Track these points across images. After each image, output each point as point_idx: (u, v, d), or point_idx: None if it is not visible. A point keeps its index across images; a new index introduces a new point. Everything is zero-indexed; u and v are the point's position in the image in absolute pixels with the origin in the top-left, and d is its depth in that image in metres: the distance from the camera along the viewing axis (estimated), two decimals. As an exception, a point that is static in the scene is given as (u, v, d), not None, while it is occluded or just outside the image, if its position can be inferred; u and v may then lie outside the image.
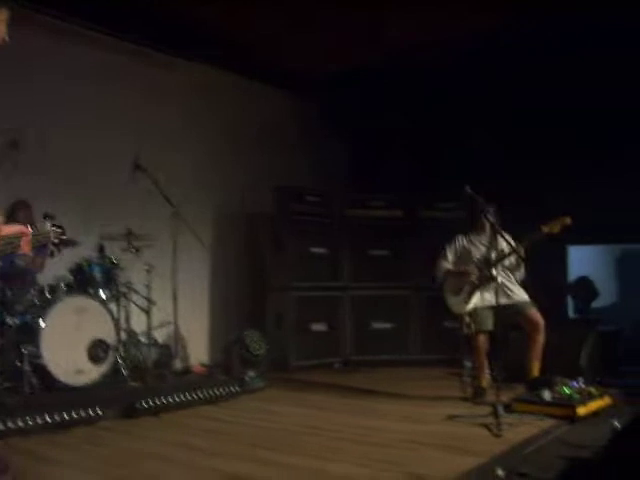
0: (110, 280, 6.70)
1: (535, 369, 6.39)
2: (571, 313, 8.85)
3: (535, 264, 6.55)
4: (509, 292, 6.48)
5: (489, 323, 6.52)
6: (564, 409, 5.50)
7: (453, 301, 6.69)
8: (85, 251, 6.64)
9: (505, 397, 5.70)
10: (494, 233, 6.26)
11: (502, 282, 6.42)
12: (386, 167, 9.38)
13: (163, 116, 8.24)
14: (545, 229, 6.20)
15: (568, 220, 6.16)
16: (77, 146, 7.36)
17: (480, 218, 6.54)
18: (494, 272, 6.38)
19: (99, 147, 7.54)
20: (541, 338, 6.42)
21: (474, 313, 6.58)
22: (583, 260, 9.10)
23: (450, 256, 6.82)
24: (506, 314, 6.26)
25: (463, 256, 6.76)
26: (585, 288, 8.51)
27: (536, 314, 6.47)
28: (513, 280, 6.60)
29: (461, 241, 6.83)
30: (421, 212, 9.15)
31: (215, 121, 8.76)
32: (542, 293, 7.14)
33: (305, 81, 9.14)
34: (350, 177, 10.11)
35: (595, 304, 8.62)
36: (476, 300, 6.55)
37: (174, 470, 4.25)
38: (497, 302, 6.03)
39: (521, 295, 6.55)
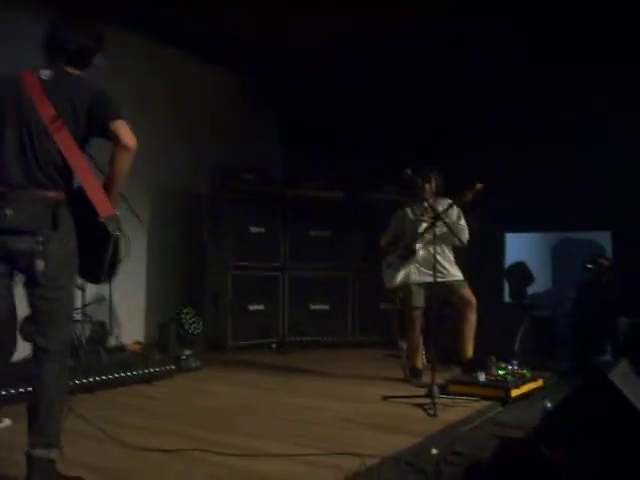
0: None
1: (469, 349, 6.42)
2: (507, 298, 8.95)
3: (472, 250, 6.61)
4: (442, 269, 6.35)
5: (419, 300, 6.52)
6: (498, 390, 5.57)
7: (385, 274, 6.68)
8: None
9: (441, 378, 5.76)
10: (432, 214, 6.22)
11: (430, 257, 6.24)
12: (326, 146, 9.31)
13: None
14: (460, 194, 6.21)
15: (479, 186, 6.12)
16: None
17: (418, 194, 6.52)
18: (416, 246, 6.43)
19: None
20: (474, 317, 6.42)
21: (404, 289, 6.58)
22: (520, 247, 9.21)
23: (391, 228, 6.79)
24: (438, 292, 6.18)
25: (400, 229, 6.72)
26: (521, 273, 8.61)
27: (469, 293, 6.46)
28: (447, 255, 6.51)
29: (399, 215, 6.77)
30: (362, 194, 9.13)
31: (154, 96, 8.57)
32: (478, 278, 7.22)
33: (244, 57, 9.01)
34: (287, 156, 10.05)
35: (530, 290, 8.74)
36: (405, 275, 6.53)
37: (107, 448, 4.18)
38: (430, 279, 6.12)
39: (454, 273, 6.48)
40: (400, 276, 6.54)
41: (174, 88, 8.83)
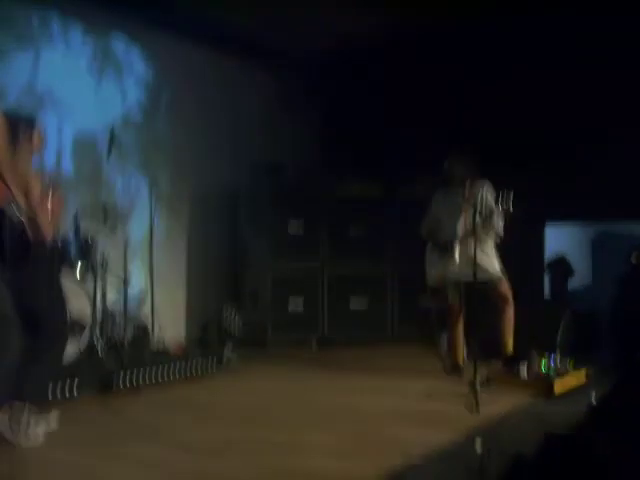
0: (85, 257, 6.62)
1: (509, 345, 6.37)
2: (547, 292, 8.89)
3: (511, 243, 6.55)
4: (479, 265, 6.04)
5: (451, 297, 6.52)
6: (541, 386, 5.54)
7: (427, 268, 6.62)
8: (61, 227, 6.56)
9: (482, 374, 5.73)
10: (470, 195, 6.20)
11: (471, 254, 6.03)
12: (364, 144, 9.31)
13: (138, 93, 8.15)
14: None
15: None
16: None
17: (453, 177, 6.49)
18: (456, 246, 6.32)
19: (76, 123, 7.44)
20: (511, 312, 6.36)
21: (442, 285, 6.56)
22: (559, 241, 9.14)
23: (430, 217, 6.68)
24: (475, 288, 6.01)
25: (437, 220, 6.61)
26: (561, 267, 8.55)
27: (506, 288, 6.39)
28: (487, 249, 6.35)
29: (435, 204, 6.68)
30: (400, 190, 9.10)
31: (197, 97, 8.66)
32: (518, 272, 7.17)
33: (278, 54, 9.04)
34: (328, 154, 10.04)
35: (570, 284, 8.68)
36: (443, 271, 6.47)
37: (150, 445, 4.23)
38: (464, 276, 6.12)
39: (493, 269, 6.36)
40: (439, 272, 6.52)
41: (216, 88, 8.90)
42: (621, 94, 7.69)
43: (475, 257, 5.87)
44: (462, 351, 6.65)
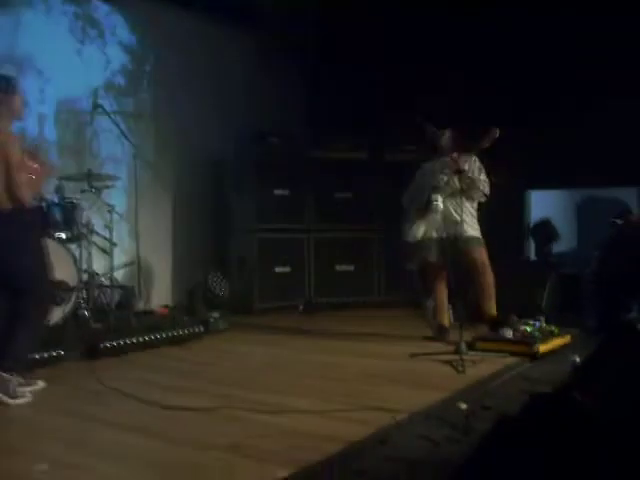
0: (70, 221, 6.58)
1: (492, 309, 6.38)
2: (532, 255, 8.93)
3: (495, 207, 6.55)
4: (458, 223, 6.22)
5: (432, 255, 6.47)
6: (526, 346, 5.59)
7: (405, 231, 6.62)
8: (44, 192, 6.52)
9: (468, 335, 5.77)
10: (456, 172, 6.17)
11: (450, 210, 6.33)
12: (350, 108, 9.28)
13: (118, 56, 8.07)
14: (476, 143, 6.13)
15: (496, 131, 6.01)
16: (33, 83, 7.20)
17: (433, 143, 6.44)
18: (436, 197, 6.33)
19: (59, 88, 7.37)
20: (489, 278, 6.35)
21: (422, 243, 6.53)
22: (545, 205, 9.16)
23: (412, 189, 6.67)
24: (451, 247, 6.20)
25: (428, 183, 6.54)
26: (546, 230, 8.58)
27: (483, 255, 6.36)
28: (469, 210, 6.36)
29: (420, 171, 6.67)
30: (386, 154, 9.08)
31: (172, 60, 8.58)
32: (502, 235, 7.20)
33: (262, 18, 8.97)
34: (312, 118, 10.00)
35: (555, 248, 8.71)
36: (425, 228, 6.48)
37: (139, 407, 4.24)
38: (443, 234, 6.24)
39: (473, 229, 6.36)
40: (420, 229, 6.50)
41: (199, 53, 8.83)
42: (602, 63, 7.70)
43: (456, 213, 6.10)
44: (447, 313, 6.67)
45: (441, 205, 6.35)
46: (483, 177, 6.37)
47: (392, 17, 8.41)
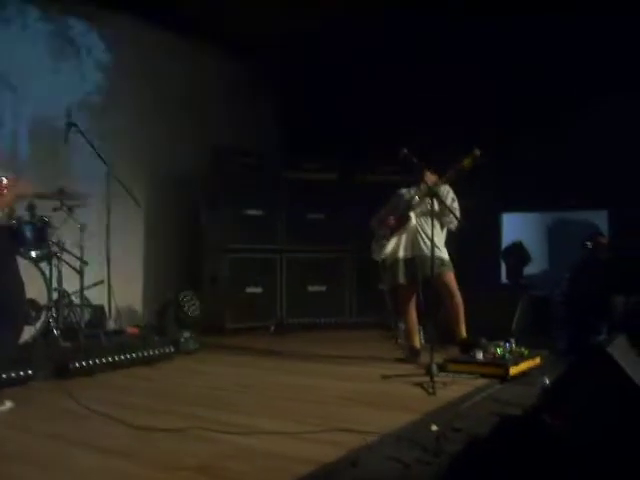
0: (41, 239, 6.54)
1: (462, 331, 6.42)
2: (504, 278, 8.98)
3: (468, 230, 6.59)
4: (427, 243, 6.23)
5: (401, 276, 6.49)
6: (496, 369, 5.61)
7: (374, 249, 6.65)
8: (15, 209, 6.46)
9: (439, 357, 5.79)
10: (429, 195, 6.22)
11: (420, 230, 6.39)
12: (320, 129, 9.34)
13: (93, 74, 8.05)
14: (457, 166, 6.14)
15: (477, 152, 6.02)
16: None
17: (416, 177, 6.48)
18: (410, 215, 6.39)
19: (34, 106, 7.34)
20: (457, 300, 6.39)
21: (387, 264, 6.56)
22: (516, 227, 9.23)
23: (385, 209, 6.71)
24: (420, 268, 6.28)
25: (402, 205, 6.60)
26: (518, 253, 8.64)
27: (450, 278, 6.39)
28: (437, 232, 6.24)
29: (397, 196, 6.72)
30: (357, 176, 9.13)
31: (146, 78, 8.58)
32: (474, 257, 7.23)
33: (236, 39, 9.01)
34: (283, 138, 10.05)
35: (527, 270, 8.76)
36: (393, 248, 6.51)
37: (109, 428, 4.20)
38: (411, 254, 6.33)
39: (439, 251, 6.31)
40: (388, 247, 6.52)
41: (173, 73, 8.85)
42: (571, 87, 7.81)
43: (425, 233, 6.24)
44: (418, 335, 6.69)
45: (413, 221, 6.40)
46: (456, 205, 6.42)
47: (365, 40, 8.46)
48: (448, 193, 6.45)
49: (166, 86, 8.79)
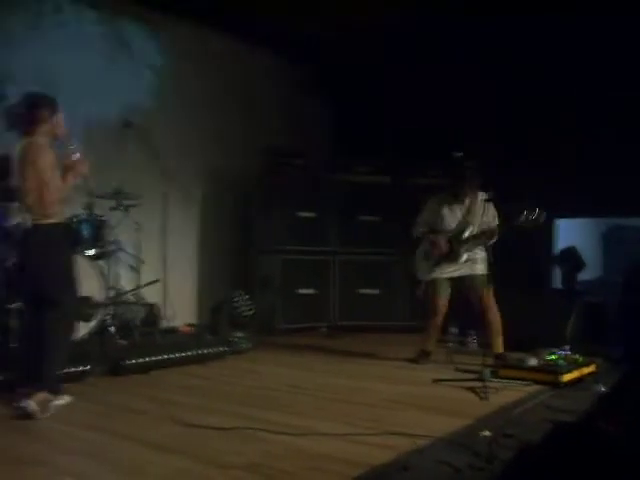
0: (98, 238, 6.66)
1: (498, 345, 6.45)
2: (556, 283, 8.88)
3: (521, 235, 6.54)
4: (470, 264, 6.46)
5: (444, 295, 6.60)
6: (549, 375, 5.55)
7: (420, 265, 6.73)
8: (73, 209, 6.59)
9: (490, 362, 5.77)
10: (473, 207, 6.35)
11: (467, 258, 6.47)
12: (373, 131, 9.34)
13: (147, 75, 8.14)
14: (520, 219, 6.07)
15: (542, 218, 6.04)
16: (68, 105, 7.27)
17: (463, 186, 6.51)
18: (461, 251, 6.46)
19: (88, 107, 7.45)
20: (494, 317, 6.43)
21: (433, 282, 6.62)
22: (570, 233, 9.13)
23: (428, 217, 6.73)
24: (462, 285, 6.47)
25: (438, 219, 6.65)
26: (572, 258, 8.54)
27: (488, 298, 6.40)
28: (479, 250, 6.46)
29: (438, 203, 6.70)
30: (409, 178, 9.09)
31: (200, 81, 8.67)
32: (527, 263, 7.17)
33: (290, 42, 9.03)
34: (335, 141, 10.06)
35: (581, 276, 8.67)
36: (438, 272, 6.58)
37: (162, 425, 4.27)
38: (457, 273, 6.47)
39: (479, 268, 6.44)
40: (437, 272, 6.59)
41: (227, 73, 8.92)
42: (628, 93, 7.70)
43: (469, 257, 6.31)
44: (433, 339, 6.78)
45: (464, 258, 6.47)
46: (496, 222, 6.43)
47: (419, 42, 8.42)
48: (488, 210, 6.46)
49: (220, 87, 8.86)
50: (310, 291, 8.85)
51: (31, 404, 4.29)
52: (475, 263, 6.44)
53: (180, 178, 7.22)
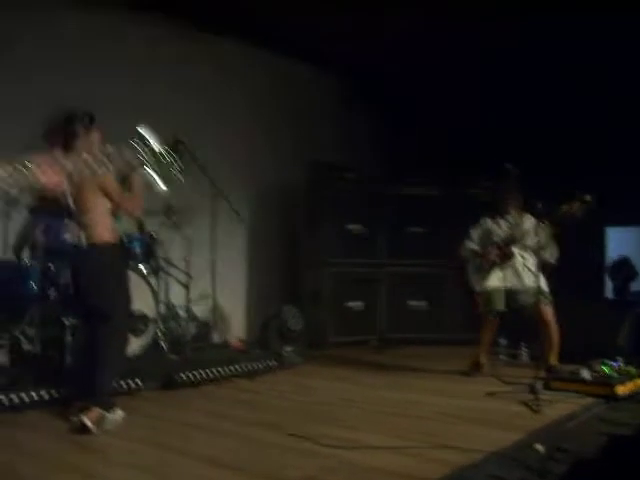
0: (149, 254, 6.75)
1: (552, 358, 6.41)
2: (608, 294, 8.77)
3: (572, 245, 6.49)
4: (525, 276, 6.40)
5: (500, 304, 6.55)
6: (603, 387, 5.48)
7: (474, 278, 6.74)
8: (125, 225, 6.69)
9: (543, 375, 5.72)
10: (519, 212, 6.29)
11: (521, 263, 6.42)
12: (421, 143, 9.33)
13: (198, 93, 8.23)
14: (564, 208, 6.10)
15: (588, 198, 6.02)
16: (117, 124, 7.38)
17: (507, 198, 6.57)
18: (513, 250, 6.44)
19: (137, 125, 7.55)
20: (552, 331, 6.40)
21: (488, 293, 6.59)
22: (621, 242, 9.01)
23: (475, 236, 6.78)
24: (517, 299, 6.43)
25: (486, 237, 6.71)
26: (625, 269, 8.43)
27: (547, 311, 6.39)
28: (534, 263, 6.31)
29: (486, 222, 6.76)
30: (457, 190, 9.07)
31: (247, 96, 8.73)
32: (578, 273, 7.10)
33: (336, 56, 9.05)
34: (383, 153, 10.05)
35: (634, 287, 8.54)
36: (492, 280, 6.55)
37: (216, 439, 4.31)
38: (511, 283, 6.41)
39: (538, 283, 6.25)
40: (489, 281, 6.56)
41: (275, 89, 8.99)
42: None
43: (523, 266, 6.30)
44: (485, 352, 6.81)
45: (518, 257, 6.44)
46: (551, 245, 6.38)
47: (460, 54, 8.40)
48: (533, 225, 6.44)
49: (267, 103, 8.93)
50: (359, 304, 8.86)
51: (86, 419, 4.36)
52: (528, 275, 6.36)
53: (229, 193, 7.27)
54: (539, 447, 3.94)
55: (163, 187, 4.45)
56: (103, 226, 4.59)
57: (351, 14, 7.79)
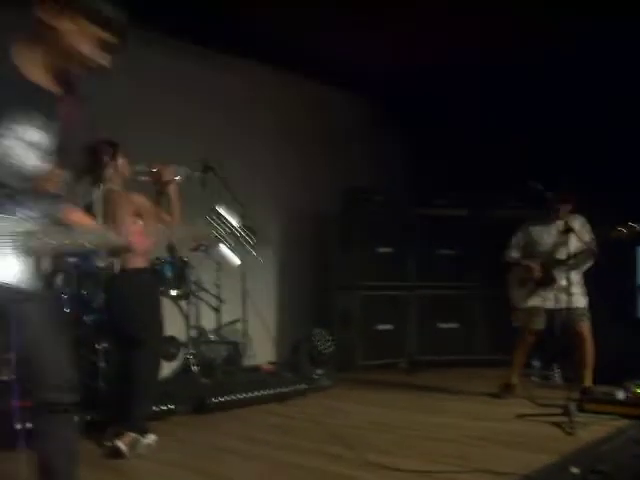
0: (181, 278, 6.79)
1: (587, 378, 6.35)
2: (640, 314, 8.68)
3: (603, 264, 6.45)
4: (567, 295, 6.16)
5: (540, 322, 6.51)
6: (638, 409, 5.42)
7: (515, 293, 6.68)
8: (156, 250, 6.74)
9: (576, 396, 5.67)
10: (566, 231, 6.19)
11: (563, 284, 6.27)
12: (449, 165, 9.33)
13: (228, 119, 8.30)
14: (615, 232, 6.03)
15: (638, 228, 5.98)
16: (150, 150, 7.46)
17: (549, 210, 6.48)
18: (557, 275, 6.37)
19: (168, 151, 7.61)
20: (588, 349, 6.34)
21: (529, 310, 6.54)
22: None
23: (515, 243, 6.74)
24: (559, 317, 6.35)
25: (530, 245, 6.64)
26: (657, 288, 8.34)
27: (586, 329, 6.35)
28: (576, 280, 6.30)
29: (528, 230, 6.70)
30: (487, 211, 9.05)
31: (278, 122, 8.80)
32: (609, 292, 7.04)
33: (365, 80, 9.11)
34: (412, 175, 10.06)
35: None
36: (535, 299, 6.51)
37: (246, 462, 4.32)
38: (553, 305, 6.32)
39: (579, 300, 6.32)
40: (534, 299, 6.52)
41: (304, 112, 9.05)
42: None
43: (566, 286, 6.03)
44: (517, 372, 6.76)
45: (560, 282, 6.35)
46: (590, 242, 6.31)
47: (501, 76, 8.40)
48: (583, 226, 6.38)
49: (297, 125, 8.99)
50: (389, 327, 8.84)
51: (120, 443, 4.40)
52: (574, 294, 6.16)
53: (259, 216, 7.30)
54: (574, 470, 3.91)
55: (237, 262, 4.54)
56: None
57: (382, 38, 7.85)
